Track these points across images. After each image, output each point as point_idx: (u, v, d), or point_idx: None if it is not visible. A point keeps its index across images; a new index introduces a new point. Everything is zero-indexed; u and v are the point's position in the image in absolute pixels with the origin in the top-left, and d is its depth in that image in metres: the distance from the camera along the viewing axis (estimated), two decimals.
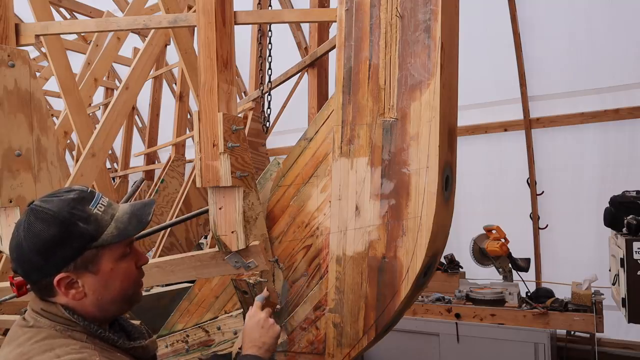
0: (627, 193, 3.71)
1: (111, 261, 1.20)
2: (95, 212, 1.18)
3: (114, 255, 1.21)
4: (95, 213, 1.18)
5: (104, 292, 1.20)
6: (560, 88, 5.59)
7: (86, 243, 1.16)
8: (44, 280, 1.16)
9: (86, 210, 1.17)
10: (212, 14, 1.78)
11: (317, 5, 3.29)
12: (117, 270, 1.21)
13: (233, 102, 1.84)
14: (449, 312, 4.54)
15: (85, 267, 1.17)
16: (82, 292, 1.18)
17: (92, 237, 1.16)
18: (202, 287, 2.14)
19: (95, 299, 1.19)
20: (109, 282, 1.20)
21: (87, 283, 1.18)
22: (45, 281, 1.16)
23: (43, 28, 2.21)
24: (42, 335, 1.12)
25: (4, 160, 2.01)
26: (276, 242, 1.90)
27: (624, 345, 5.03)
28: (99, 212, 1.19)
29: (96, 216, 1.18)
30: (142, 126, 8.38)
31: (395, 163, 1.63)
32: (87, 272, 1.17)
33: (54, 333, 1.14)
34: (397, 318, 1.75)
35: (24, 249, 1.15)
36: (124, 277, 1.23)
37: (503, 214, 5.61)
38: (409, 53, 1.61)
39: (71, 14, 6.22)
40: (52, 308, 1.18)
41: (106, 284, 1.20)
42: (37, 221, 1.15)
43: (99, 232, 1.17)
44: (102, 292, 1.20)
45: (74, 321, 1.17)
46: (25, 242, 1.14)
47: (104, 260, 1.19)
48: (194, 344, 2.16)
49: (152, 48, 3.50)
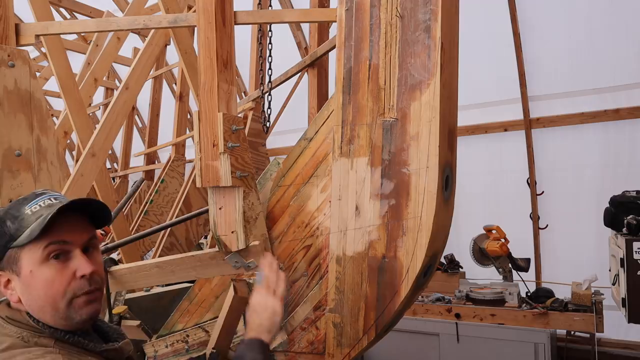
0: (627, 193, 3.71)
1: (30, 263, 1.15)
2: (27, 212, 1.17)
3: (32, 257, 1.15)
4: (26, 213, 1.17)
5: (29, 297, 1.17)
6: (560, 88, 5.59)
7: (7, 242, 1.16)
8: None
9: (20, 209, 1.17)
10: (212, 14, 1.78)
11: (317, 5, 3.29)
12: (38, 275, 1.15)
13: (233, 102, 1.84)
14: (449, 312, 4.54)
15: (10, 268, 1.17)
16: (16, 295, 1.18)
17: (12, 236, 1.15)
18: (202, 287, 2.14)
19: (25, 302, 1.17)
20: (31, 287, 1.16)
21: (16, 285, 1.18)
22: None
23: (43, 28, 2.21)
24: (5, 345, 1.11)
25: (4, 160, 2.01)
26: (276, 242, 1.90)
27: (624, 345, 5.03)
28: (29, 212, 1.17)
29: (24, 216, 1.16)
30: (142, 126, 8.38)
31: (395, 163, 1.63)
32: (12, 273, 1.17)
33: (18, 342, 1.12)
34: (397, 318, 1.75)
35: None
36: (48, 285, 1.15)
37: (503, 214, 5.61)
38: (409, 53, 1.61)
39: (71, 14, 6.21)
40: (17, 315, 1.17)
41: (28, 289, 1.16)
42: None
43: (18, 232, 1.15)
44: (27, 297, 1.17)
45: (39, 328, 1.16)
46: None
47: (23, 262, 1.15)
48: (194, 344, 2.16)
49: (152, 48, 3.49)
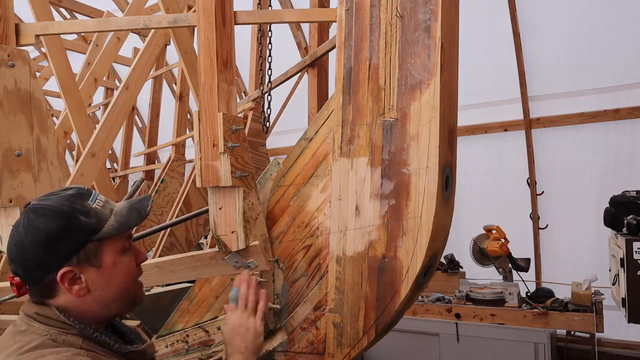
0: (627, 193, 3.71)
1: (113, 254, 1.20)
2: (95, 206, 1.20)
3: (115, 248, 1.21)
4: (95, 207, 1.20)
5: (106, 287, 1.20)
6: (560, 88, 5.59)
7: (88, 236, 1.17)
8: (46, 278, 1.15)
9: (86, 204, 1.19)
10: (212, 14, 1.78)
11: (317, 5, 3.29)
12: (119, 264, 1.22)
13: (233, 102, 1.84)
14: (449, 312, 4.54)
15: (88, 261, 1.17)
16: (86, 288, 1.17)
17: (94, 229, 1.17)
18: (202, 287, 2.14)
19: (98, 295, 1.19)
20: (112, 277, 1.20)
21: (90, 278, 1.18)
22: (47, 278, 1.15)
23: (43, 28, 2.21)
24: (34, 344, 1.11)
25: (4, 160, 2.01)
26: (276, 242, 1.90)
27: (624, 345, 5.03)
28: (98, 207, 1.20)
29: (96, 210, 1.19)
30: (142, 126, 8.37)
31: (395, 163, 1.63)
32: (89, 265, 1.17)
33: (47, 342, 1.12)
34: (397, 318, 1.75)
35: (25, 246, 1.14)
36: (126, 272, 1.24)
37: (503, 214, 5.61)
38: (409, 53, 1.61)
39: (71, 14, 6.20)
40: (46, 311, 1.16)
41: (109, 279, 1.20)
42: (38, 217, 1.15)
43: (100, 225, 1.18)
44: (104, 287, 1.20)
45: (69, 324, 1.15)
46: (27, 238, 1.14)
47: (106, 253, 1.19)
48: (194, 344, 2.16)
49: (152, 48, 3.49)
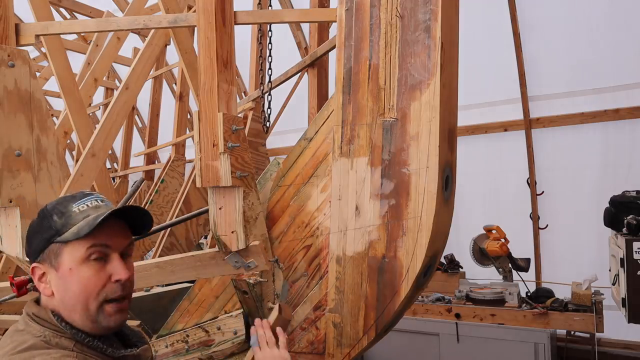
0: (627, 193, 3.71)
1: (70, 261, 1.18)
2: (74, 209, 1.20)
3: (74, 255, 1.18)
4: (73, 210, 1.20)
5: (63, 294, 1.19)
6: (560, 88, 5.59)
7: (51, 236, 1.19)
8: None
9: (67, 206, 1.21)
10: (212, 14, 1.78)
11: (317, 5, 3.28)
12: (77, 273, 1.17)
13: (233, 102, 1.84)
14: (449, 312, 4.54)
15: (49, 261, 1.19)
16: (50, 289, 1.20)
17: (57, 231, 1.19)
18: (202, 287, 2.14)
19: (59, 298, 1.20)
20: (68, 284, 1.18)
21: (51, 279, 1.20)
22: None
23: (43, 28, 2.21)
24: (26, 345, 1.13)
25: (4, 160, 2.01)
26: (276, 242, 1.90)
27: (624, 345, 5.03)
28: (76, 210, 1.20)
29: (71, 213, 1.20)
30: (142, 126, 8.37)
31: (395, 163, 1.63)
32: (50, 266, 1.20)
33: (39, 343, 1.14)
34: (397, 318, 1.75)
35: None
36: (84, 284, 1.17)
37: (503, 214, 5.61)
38: (409, 53, 1.61)
39: (71, 14, 6.20)
40: (42, 313, 1.19)
41: (65, 285, 1.18)
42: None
43: (64, 228, 1.18)
44: (62, 292, 1.19)
45: (61, 328, 1.17)
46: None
47: (64, 257, 1.18)
48: (194, 344, 2.16)
49: (152, 48, 3.49)
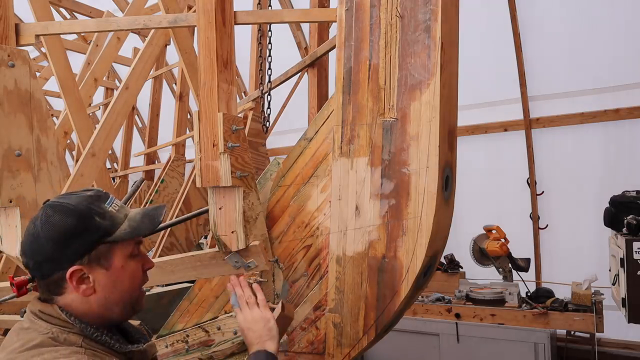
0: (627, 193, 3.71)
1: (122, 258, 1.24)
2: (110, 209, 1.24)
3: (125, 252, 1.25)
4: (110, 210, 1.24)
5: (112, 289, 1.23)
6: (560, 88, 5.59)
7: (101, 237, 1.20)
8: (56, 274, 1.19)
9: (102, 207, 1.23)
10: (212, 14, 1.78)
11: (317, 5, 3.28)
12: (127, 268, 1.25)
13: (233, 102, 1.84)
14: (449, 312, 4.54)
15: (98, 262, 1.20)
16: (92, 288, 1.20)
17: (107, 231, 1.21)
18: (202, 287, 2.14)
19: (103, 296, 1.22)
20: (118, 280, 1.23)
21: (97, 278, 1.21)
22: (57, 275, 1.19)
23: (43, 28, 2.21)
24: (34, 343, 1.13)
25: (4, 160, 2.01)
26: (276, 242, 1.90)
27: (624, 345, 5.03)
28: (113, 210, 1.25)
29: (111, 213, 1.24)
30: (142, 126, 8.37)
31: (395, 163, 1.63)
32: (99, 266, 1.21)
33: (47, 340, 1.14)
34: (397, 318, 1.75)
35: (40, 240, 1.17)
36: (132, 277, 1.27)
37: (503, 214, 5.61)
38: (409, 53, 1.61)
39: (71, 14, 6.20)
40: (49, 309, 1.19)
41: (115, 282, 1.23)
42: (56, 213, 1.18)
43: (113, 228, 1.22)
44: (110, 289, 1.23)
45: (70, 323, 1.18)
46: (43, 232, 1.17)
47: (116, 256, 1.23)
48: (194, 344, 2.16)
49: (152, 48, 3.49)
